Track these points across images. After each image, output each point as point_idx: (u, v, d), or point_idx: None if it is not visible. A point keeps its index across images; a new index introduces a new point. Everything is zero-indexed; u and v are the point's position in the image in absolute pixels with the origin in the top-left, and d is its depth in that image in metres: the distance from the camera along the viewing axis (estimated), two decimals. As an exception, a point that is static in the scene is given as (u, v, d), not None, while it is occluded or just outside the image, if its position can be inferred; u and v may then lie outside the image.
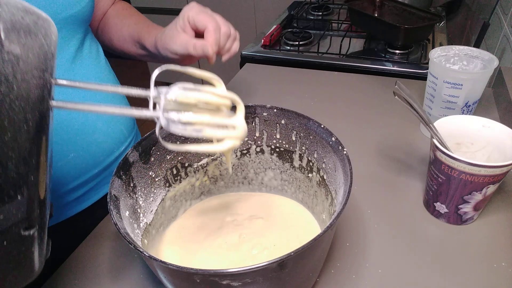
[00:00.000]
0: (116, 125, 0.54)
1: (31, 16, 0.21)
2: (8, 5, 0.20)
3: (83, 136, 0.49)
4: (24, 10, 0.21)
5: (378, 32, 0.96)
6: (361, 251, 0.43)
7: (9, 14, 0.20)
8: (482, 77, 0.53)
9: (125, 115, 0.27)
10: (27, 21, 0.21)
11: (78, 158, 0.49)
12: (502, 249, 0.43)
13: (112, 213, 0.31)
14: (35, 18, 0.21)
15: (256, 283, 0.28)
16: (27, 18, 0.21)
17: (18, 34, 0.20)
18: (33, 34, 0.21)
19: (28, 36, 0.20)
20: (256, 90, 0.77)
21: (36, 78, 0.21)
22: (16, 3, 0.20)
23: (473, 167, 0.39)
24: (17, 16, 0.20)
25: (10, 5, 0.20)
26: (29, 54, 0.20)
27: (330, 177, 0.39)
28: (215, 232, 0.44)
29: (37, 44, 0.21)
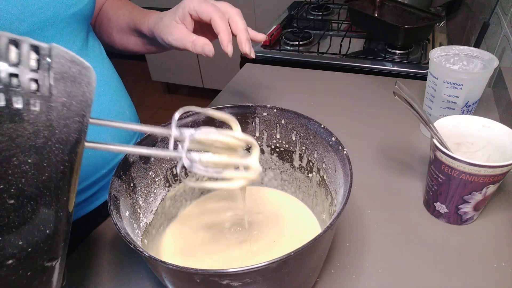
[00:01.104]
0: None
1: (76, 66, 0.23)
2: (59, 56, 0.22)
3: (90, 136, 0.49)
4: (71, 60, 0.22)
5: (378, 32, 0.96)
6: (361, 251, 0.43)
7: (59, 64, 0.21)
8: (482, 77, 0.53)
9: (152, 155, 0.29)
10: (73, 71, 0.22)
11: (87, 159, 0.49)
12: (502, 249, 0.43)
13: (112, 213, 0.31)
14: (80, 68, 0.23)
15: (256, 283, 0.28)
16: (73, 68, 0.22)
17: (65, 83, 0.22)
18: (77, 83, 0.22)
19: (73, 85, 0.22)
20: (256, 90, 0.77)
21: (76, 123, 0.22)
22: (65, 53, 0.22)
23: (473, 167, 0.39)
24: (65, 67, 0.22)
25: (60, 56, 0.22)
26: (73, 101, 0.22)
27: (330, 177, 0.39)
28: (215, 229, 0.44)
29: (80, 92, 0.23)
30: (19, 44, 0.20)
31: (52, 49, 0.21)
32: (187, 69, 2.19)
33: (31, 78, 0.20)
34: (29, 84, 0.20)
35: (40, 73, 0.21)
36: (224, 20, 0.46)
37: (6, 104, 0.20)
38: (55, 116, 0.21)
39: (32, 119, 0.20)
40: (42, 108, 0.21)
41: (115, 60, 0.58)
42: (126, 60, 2.74)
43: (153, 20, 0.52)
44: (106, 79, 0.53)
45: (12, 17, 0.39)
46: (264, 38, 0.52)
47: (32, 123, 0.21)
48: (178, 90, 2.52)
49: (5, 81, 0.20)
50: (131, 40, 0.59)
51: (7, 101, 0.20)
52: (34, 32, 0.42)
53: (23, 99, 0.20)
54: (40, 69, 0.21)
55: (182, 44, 0.47)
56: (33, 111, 0.20)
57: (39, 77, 0.21)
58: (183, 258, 0.41)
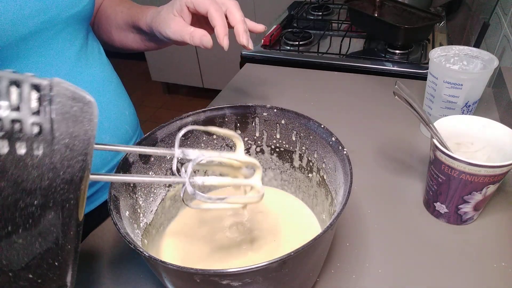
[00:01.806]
0: (122, 125, 0.54)
1: (78, 104, 0.22)
2: (60, 95, 0.21)
3: None
4: (73, 98, 0.22)
5: (378, 32, 0.96)
6: (361, 251, 0.43)
7: (60, 104, 0.21)
8: (482, 77, 0.53)
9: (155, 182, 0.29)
10: (75, 110, 0.22)
11: None
12: (502, 249, 0.43)
13: (112, 213, 0.31)
14: (81, 105, 0.22)
15: (256, 283, 0.28)
16: (75, 106, 0.22)
17: (67, 124, 0.22)
18: (79, 122, 0.22)
19: (75, 124, 0.22)
20: (256, 90, 0.77)
21: (79, 162, 0.22)
22: (66, 91, 0.22)
23: (473, 167, 0.39)
24: (67, 106, 0.22)
25: (61, 94, 0.21)
26: (76, 142, 0.22)
27: (330, 177, 0.39)
28: (215, 228, 0.44)
29: (82, 131, 0.22)
30: (20, 84, 0.20)
31: (53, 87, 0.21)
32: (187, 69, 2.19)
33: (33, 122, 0.20)
34: (32, 129, 0.20)
35: (42, 116, 0.21)
36: (220, 13, 0.46)
37: (10, 150, 0.20)
38: (59, 158, 0.21)
39: (36, 163, 0.21)
40: (45, 151, 0.21)
41: (114, 60, 0.58)
42: (126, 60, 2.74)
43: (150, 15, 0.51)
44: (105, 80, 0.53)
45: (12, 20, 0.39)
46: (264, 28, 0.52)
47: (36, 167, 0.21)
48: (178, 90, 2.52)
49: (8, 127, 0.20)
50: (130, 37, 0.59)
51: (11, 147, 0.20)
52: (33, 35, 0.42)
53: (26, 144, 0.20)
54: (41, 112, 0.21)
55: (180, 36, 0.47)
56: (37, 156, 0.21)
57: (41, 120, 0.21)
58: (183, 258, 0.41)
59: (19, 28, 0.40)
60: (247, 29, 0.48)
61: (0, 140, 0.20)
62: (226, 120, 0.43)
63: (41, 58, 0.44)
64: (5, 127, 0.20)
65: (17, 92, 0.20)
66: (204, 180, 0.30)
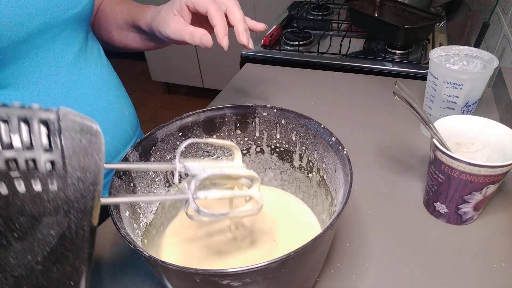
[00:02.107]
0: (122, 125, 0.54)
1: (86, 136, 0.23)
2: (68, 128, 0.22)
3: None
4: (81, 130, 0.23)
5: (378, 32, 0.96)
6: (361, 251, 0.43)
7: (70, 139, 0.22)
8: (482, 77, 0.53)
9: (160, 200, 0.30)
10: (84, 142, 0.23)
11: None
12: (502, 249, 0.43)
13: (112, 213, 0.31)
14: (89, 137, 0.23)
15: (256, 283, 0.28)
16: (83, 139, 0.23)
17: (78, 157, 0.22)
18: (89, 154, 0.23)
19: (85, 157, 0.23)
20: (256, 90, 0.77)
21: (91, 192, 0.23)
22: (74, 124, 0.22)
23: (473, 167, 0.39)
24: (76, 140, 0.22)
25: (69, 128, 0.22)
26: (87, 173, 0.23)
27: (330, 177, 0.39)
28: (215, 228, 0.44)
29: (92, 162, 0.23)
30: (29, 121, 0.21)
31: (61, 120, 0.22)
32: (187, 69, 2.19)
33: (46, 160, 0.21)
34: (46, 166, 0.21)
35: (54, 152, 0.21)
36: (220, 12, 0.45)
37: (27, 188, 0.21)
38: (72, 191, 0.22)
39: (51, 198, 0.22)
40: (59, 185, 0.22)
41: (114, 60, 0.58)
42: (126, 60, 2.74)
43: (150, 14, 0.51)
44: (105, 80, 0.53)
45: (10, 22, 0.39)
46: (264, 27, 0.51)
47: (52, 201, 0.22)
48: (178, 90, 2.52)
49: (23, 167, 0.21)
50: (130, 36, 0.58)
51: (27, 185, 0.21)
52: (33, 36, 0.42)
53: (41, 181, 0.21)
54: (53, 147, 0.21)
55: (180, 35, 0.46)
56: (52, 191, 0.22)
57: (54, 157, 0.21)
58: (183, 258, 0.41)
59: (18, 30, 0.40)
60: (247, 28, 0.48)
61: (17, 180, 0.21)
62: (226, 120, 0.43)
63: (41, 59, 0.44)
64: (21, 167, 0.21)
65: (27, 130, 0.21)
66: (207, 195, 0.31)
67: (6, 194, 0.21)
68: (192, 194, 0.30)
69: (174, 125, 0.41)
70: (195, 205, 0.29)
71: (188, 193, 0.29)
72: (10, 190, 0.21)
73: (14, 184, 0.21)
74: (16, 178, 0.21)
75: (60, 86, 0.46)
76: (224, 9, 0.47)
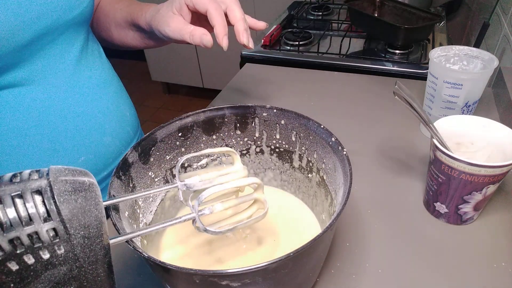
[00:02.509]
0: (123, 126, 0.54)
1: (80, 194, 0.23)
2: (61, 192, 0.22)
3: (92, 139, 0.49)
4: (74, 190, 0.23)
5: (378, 32, 0.96)
6: (361, 251, 0.43)
7: (66, 203, 0.22)
8: (482, 77, 0.53)
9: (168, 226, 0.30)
10: (80, 202, 0.23)
11: (88, 161, 0.49)
12: (502, 249, 0.43)
13: (111, 213, 0.31)
14: (84, 194, 0.24)
15: (256, 283, 0.28)
16: (79, 198, 0.23)
17: (78, 218, 0.23)
18: (87, 211, 0.23)
19: (85, 215, 0.23)
20: (256, 90, 0.77)
21: (99, 244, 0.24)
22: (65, 186, 0.23)
23: (473, 167, 0.39)
24: (72, 202, 0.23)
25: (62, 192, 0.23)
26: (90, 229, 0.23)
27: (330, 178, 0.39)
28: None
29: (93, 217, 0.24)
30: (23, 195, 0.22)
31: (53, 186, 0.22)
32: (187, 69, 2.19)
33: (47, 229, 0.22)
34: (48, 235, 0.22)
35: (53, 220, 0.22)
36: (220, 12, 0.45)
37: (36, 259, 0.22)
38: (80, 249, 0.23)
39: (62, 261, 0.23)
40: (67, 248, 0.22)
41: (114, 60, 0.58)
42: (126, 60, 2.74)
43: (150, 13, 0.51)
44: (106, 81, 0.52)
45: (12, 28, 0.39)
46: (265, 26, 0.51)
47: (63, 263, 0.23)
48: (178, 90, 2.52)
49: (27, 242, 0.21)
50: (129, 35, 0.58)
51: (36, 257, 0.22)
52: (34, 40, 0.42)
53: (48, 249, 0.22)
54: (51, 216, 0.22)
55: (180, 35, 0.46)
56: (60, 254, 0.22)
57: (54, 225, 0.22)
58: (183, 258, 0.41)
59: (20, 35, 0.40)
60: (247, 28, 0.47)
61: (26, 255, 0.21)
62: (225, 121, 0.43)
63: (42, 62, 0.44)
64: (25, 243, 0.21)
65: (22, 204, 0.21)
66: (213, 209, 0.32)
67: (18, 269, 0.21)
68: (198, 213, 0.30)
69: (174, 125, 0.41)
70: (202, 225, 0.30)
71: (194, 214, 0.30)
72: (20, 265, 0.21)
73: (24, 259, 0.21)
74: (23, 253, 0.21)
75: (62, 88, 0.46)
76: (224, 7, 0.46)
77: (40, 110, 0.44)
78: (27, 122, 0.43)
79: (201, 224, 0.30)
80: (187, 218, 0.30)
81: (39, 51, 0.43)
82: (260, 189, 0.35)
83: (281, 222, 0.44)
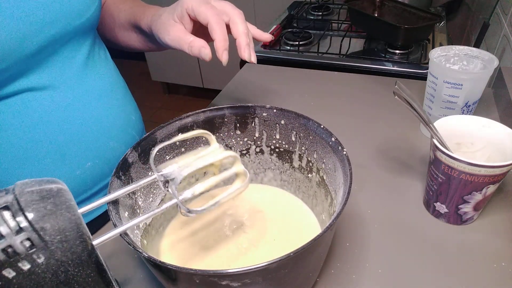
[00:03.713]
0: (128, 131, 0.53)
1: (49, 201, 0.24)
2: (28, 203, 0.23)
3: (99, 144, 0.48)
4: (42, 198, 0.23)
5: (378, 32, 0.96)
6: (361, 251, 0.43)
7: (35, 212, 0.23)
8: (482, 77, 0.53)
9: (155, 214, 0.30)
10: (49, 208, 0.23)
11: (95, 166, 0.49)
12: (502, 249, 0.43)
13: (111, 213, 0.31)
14: (52, 200, 0.24)
15: (256, 283, 0.28)
16: (48, 205, 0.23)
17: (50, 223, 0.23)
18: (59, 215, 0.23)
19: (57, 218, 0.23)
20: (256, 90, 0.77)
21: (80, 245, 0.24)
22: (32, 195, 0.23)
23: (473, 167, 0.39)
24: (41, 209, 0.23)
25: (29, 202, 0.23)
26: (66, 233, 0.23)
27: (329, 178, 0.39)
28: (215, 228, 0.44)
29: (66, 220, 0.24)
30: None
31: (20, 198, 0.23)
32: (187, 69, 2.19)
33: (21, 241, 0.22)
34: (24, 246, 0.22)
35: (25, 231, 0.22)
36: (221, 25, 0.44)
37: (17, 272, 0.22)
38: (60, 254, 0.23)
39: (44, 269, 0.23)
40: (46, 255, 0.23)
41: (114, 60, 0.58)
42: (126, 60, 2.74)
43: (151, 17, 0.50)
44: (112, 85, 0.52)
45: (21, 36, 0.39)
46: (270, 38, 0.49)
47: (47, 271, 0.23)
48: (178, 90, 2.52)
49: (3, 258, 0.22)
50: (132, 37, 0.57)
51: (16, 269, 0.22)
52: (43, 48, 0.41)
53: (27, 260, 0.22)
54: (22, 227, 0.22)
55: (179, 44, 0.45)
56: (41, 263, 0.23)
57: (28, 235, 0.22)
58: (183, 258, 0.41)
59: (29, 44, 0.39)
60: (250, 42, 0.46)
61: (5, 269, 0.22)
62: (225, 121, 0.43)
63: (50, 68, 0.44)
64: (1, 259, 0.21)
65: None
66: (193, 191, 0.31)
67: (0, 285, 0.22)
68: (179, 198, 0.30)
69: (174, 125, 0.41)
70: (185, 208, 0.30)
71: (174, 198, 0.30)
72: (2, 281, 0.22)
73: (4, 274, 0.22)
74: (1, 268, 0.22)
75: (69, 94, 0.46)
76: (226, 19, 0.45)
77: (48, 115, 0.44)
78: (36, 128, 0.43)
79: (184, 208, 0.30)
80: (169, 205, 0.30)
81: (47, 58, 0.43)
82: (238, 162, 0.34)
83: (281, 222, 0.44)
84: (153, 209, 0.41)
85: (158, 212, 0.30)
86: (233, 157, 0.34)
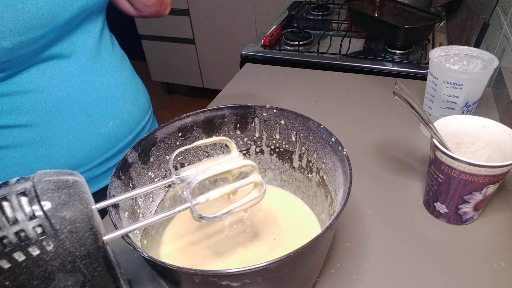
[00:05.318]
0: (139, 97, 0.61)
1: (64, 191, 0.24)
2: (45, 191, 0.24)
3: (117, 106, 0.56)
4: (57, 188, 0.24)
5: (378, 32, 0.96)
6: (361, 251, 0.43)
7: (49, 199, 0.23)
8: (482, 77, 0.53)
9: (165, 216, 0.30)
10: (63, 198, 0.24)
11: (116, 126, 0.56)
12: (502, 249, 0.43)
13: (111, 213, 0.31)
14: (67, 191, 0.24)
15: (256, 283, 0.28)
16: (62, 195, 0.24)
17: (62, 213, 0.24)
18: (71, 206, 0.24)
19: (69, 209, 0.24)
20: (256, 90, 0.77)
21: (89, 237, 0.25)
22: (49, 185, 0.24)
23: (473, 167, 0.39)
24: (55, 199, 0.24)
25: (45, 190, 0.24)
26: (77, 224, 0.24)
27: (329, 178, 0.39)
28: (215, 228, 0.44)
29: (78, 212, 0.24)
30: (8, 198, 0.23)
31: (37, 186, 0.23)
32: (187, 69, 2.19)
33: (33, 226, 0.23)
34: (35, 232, 0.23)
35: (38, 217, 0.23)
36: None
37: (26, 256, 0.23)
38: (69, 244, 0.24)
39: (52, 256, 0.23)
40: (55, 243, 0.23)
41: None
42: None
43: None
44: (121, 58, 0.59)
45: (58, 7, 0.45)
46: None
47: (55, 259, 0.24)
48: (178, 90, 2.52)
49: (15, 240, 0.22)
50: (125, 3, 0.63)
51: (26, 254, 0.23)
52: (72, 19, 0.48)
53: (37, 246, 0.23)
54: (36, 214, 0.23)
55: None
56: (50, 250, 0.23)
57: (40, 221, 0.23)
58: (183, 258, 0.41)
59: (64, 13, 0.46)
60: None
61: (16, 252, 0.23)
62: (225, 121, 0.43)
63: (75, 37, 0.50)
64: (12, 241, 0.22)
65: (9, 205, 0.23)
66: (208, 197, 0.31)
67: (10, 266, 0.22)
68: (192, 202, 0.30)
69: (174, 125, 0.41)
70: (197, 213, 0.30)
71: (188, 202, 0.30)
72: (12, 262, 0.22)
73: (14, 257, 0.22)
74: (13, 251, 0.22)
75: (90, 62, 0.53)
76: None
77: (73, 79, 0.51)
78: (66, 89, 0.50)
79: (196, 212, 0.30)
80: (182, 208, 0.30)
81: (74, 28, 0.50)
82: (256, 171, 0.34)
83: (281, 222, 0.44)
84: (153, 209, 0.41)
85: (172, 213, 0.30)
86: (251, 166, 0.34)
